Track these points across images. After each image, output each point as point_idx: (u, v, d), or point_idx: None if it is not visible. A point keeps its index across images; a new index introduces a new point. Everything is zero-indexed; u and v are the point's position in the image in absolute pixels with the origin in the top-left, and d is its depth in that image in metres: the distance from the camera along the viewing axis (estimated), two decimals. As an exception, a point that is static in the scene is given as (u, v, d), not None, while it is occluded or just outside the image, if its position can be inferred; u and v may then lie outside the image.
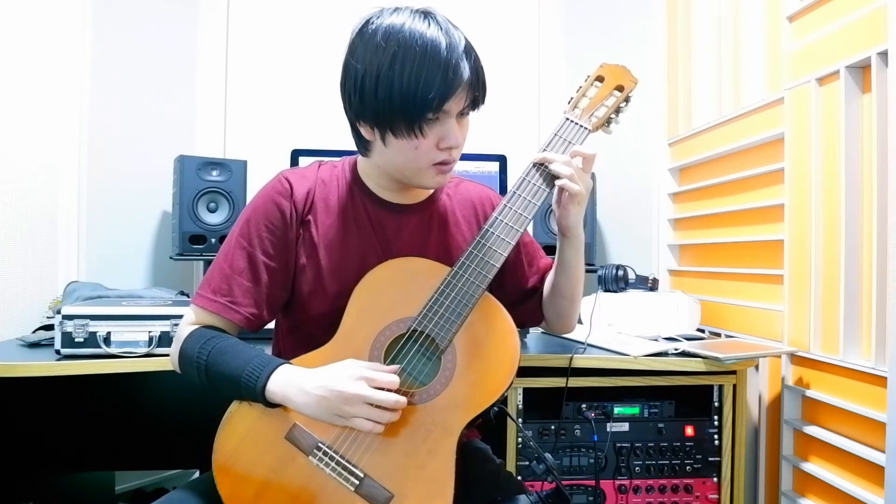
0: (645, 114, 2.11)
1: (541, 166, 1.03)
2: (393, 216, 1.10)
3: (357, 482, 0.92)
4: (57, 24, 1.84)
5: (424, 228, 1.11)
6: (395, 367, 0.95)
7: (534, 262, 1.21)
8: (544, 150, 1.04)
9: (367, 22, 0.97)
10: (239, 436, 0.96)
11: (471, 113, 1.01)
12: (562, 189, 1.03)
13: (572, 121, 1.06)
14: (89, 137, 1.93)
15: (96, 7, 1.94)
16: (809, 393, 1.42)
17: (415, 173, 1.01)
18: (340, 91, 1.01)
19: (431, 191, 1.14)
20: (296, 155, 1.93)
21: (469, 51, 0.96)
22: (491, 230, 1.01)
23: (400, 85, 0.91)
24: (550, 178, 1.03)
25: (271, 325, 1.13)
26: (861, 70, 1.30)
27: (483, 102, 1.00)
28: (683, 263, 2.04)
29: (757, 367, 1.61)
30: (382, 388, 0.91)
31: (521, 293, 1.20)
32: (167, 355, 1.07)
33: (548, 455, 1.12)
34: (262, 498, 0.94)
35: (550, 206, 2.03)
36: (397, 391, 0.92)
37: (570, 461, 1.47)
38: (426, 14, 0.96)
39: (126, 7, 2.05)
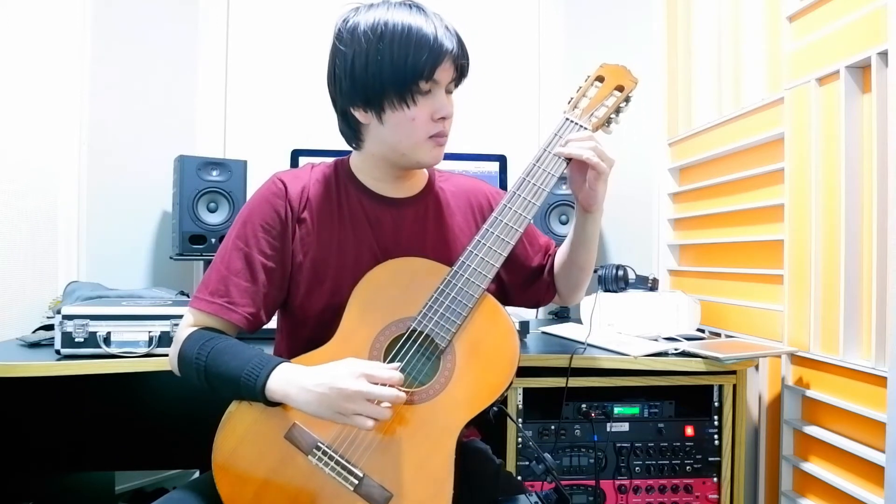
0: (645, 114, 2.11)
1: (541, 167, 1.04)
2: (389, 210, 1.10)
3: (356, 482, 0.92)
4: (57, 24, 1.84)
5: (421, 221, 1.12)
6: (395, 364, 0.95)
7: (534, 241, 1.24)
8: (545, 149, 1.05)
9: (352, 11, 1.02)
10: (239, 435, 0.96)
11: (454, 91, 1.05)
12: (581, 171, 1.05)
13: (572, 121, 1.07)
14: (89, 137, 1.93)
15: (96, 6, 1.93)
16: (809, 393, 1.42)
17: (412, 149, 1.03)
18: (328, 81, 1.05)
19: (425, 183, 1.15)
20: (296, 155, 1.93)
21: (451, 27, 1.01)
22: (491, 230, 1.01)
23: (390, 58, 0.95)
24: (551, 179, 1.03)
25: (272, 325, 1.13)
26: (861, 70, 1.30)
27: (466, 76, 1.04)
28: (683, 263, 2.04)
29: (757, 367, 1.61)
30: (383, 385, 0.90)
31: (528, 273, 1.23)
32: (167, 355, 1.07)
33: (547, 455, 1.12)
34: (261, 498, 0.94)
35: (551, 205, 2.04)
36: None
37: (570, 461, 1.47)
38: (408, 3, 1.01)
39: (126, 6, 2.05)
